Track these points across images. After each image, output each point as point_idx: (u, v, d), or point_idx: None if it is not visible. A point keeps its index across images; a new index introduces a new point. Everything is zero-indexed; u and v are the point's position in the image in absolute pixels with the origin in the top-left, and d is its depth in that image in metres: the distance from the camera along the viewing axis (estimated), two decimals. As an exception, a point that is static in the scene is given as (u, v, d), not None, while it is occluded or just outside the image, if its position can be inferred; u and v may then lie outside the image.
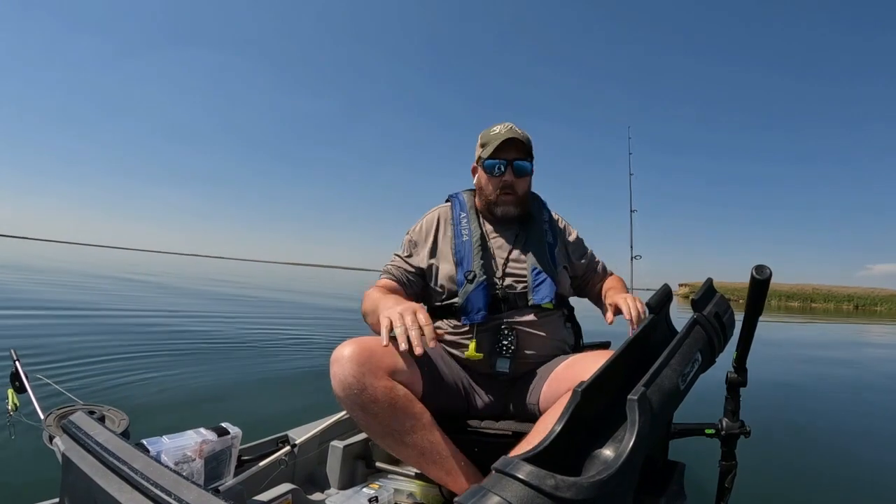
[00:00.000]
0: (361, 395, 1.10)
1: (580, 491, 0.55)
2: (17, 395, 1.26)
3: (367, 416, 1.12)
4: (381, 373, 1.12)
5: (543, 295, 1.38)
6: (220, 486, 1.13)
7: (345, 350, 1.13)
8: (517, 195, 1.48)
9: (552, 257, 1.47)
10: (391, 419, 1.11)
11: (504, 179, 1.46)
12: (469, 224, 1.51)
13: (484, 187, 1.51)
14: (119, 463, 0.69)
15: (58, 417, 1.08)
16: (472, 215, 1.53)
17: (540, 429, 1.08)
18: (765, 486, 2.17)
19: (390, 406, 1.11)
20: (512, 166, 1.45)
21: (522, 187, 1.49)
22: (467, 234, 1.48)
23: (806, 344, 10.07)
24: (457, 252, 1.46)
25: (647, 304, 0.97)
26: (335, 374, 1.12)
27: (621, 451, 0.64)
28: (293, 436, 1.43)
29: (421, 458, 1.15)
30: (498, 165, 1.46)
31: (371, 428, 1.15)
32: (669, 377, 0.78)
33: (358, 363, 1.10)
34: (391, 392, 1.11)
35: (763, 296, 1.00)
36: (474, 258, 1.42)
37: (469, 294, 1.37)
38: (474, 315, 1.36)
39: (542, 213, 1.58)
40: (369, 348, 1.13)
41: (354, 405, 1.12)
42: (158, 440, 1.07)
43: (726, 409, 1.15)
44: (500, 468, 0.58)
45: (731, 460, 1.12)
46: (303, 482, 1.43)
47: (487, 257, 1.45)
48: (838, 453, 2.81)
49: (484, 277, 1.38)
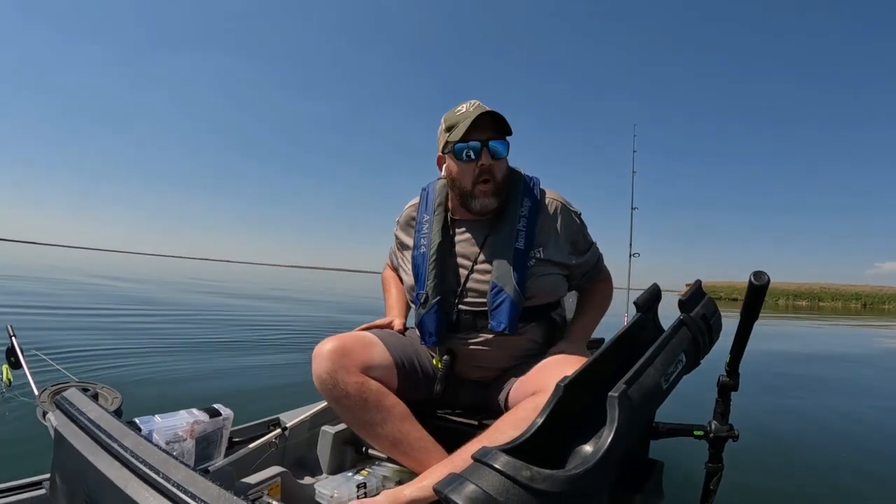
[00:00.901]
0: (335, 390, 1.18)
1: (555, 484, 0.57)
2: (13, 370, 1.28)
3: (341, 408, 1.21)
4: (353, 369, 1.19)
5: (500, 321, 1.26)
6: (209, 466, 1.14)
7: (322, 347, 1.21)
8: (496, 182, 1.31)
9: (520, 267, 1.28)
10: (363, 412, 1.19)
11: (481, 164, 1.28)
12: (430, 230, 1.38)
13: (457, 178, 1.33)
14: (110, 440, 0.70)
15: (52, 394, 1.09)
16: (438, 217, 1.39)
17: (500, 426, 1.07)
18: (750, 490, 2.20)
19: (361, 400, 1.18)
20: (487, 147, 1.27)
21: (501, 172, 1.31)
22: (425, 244, 1.37)
23: (800, 343, 10.10)
24: (413, 266, 1.39)
25: (634, 303, 0.98)
26: (314, 370, 1.20)
27: (599, 447, 0.65)
28: (284, 419, 1.45)
29: (393, 449, 1.21)
30: (469, 149, 1.27)
31: (346, 419, 1.24)
32: (652, 376, 0.80)
33: (332, 360, 1.18)
34: (362, 387, 1.18)
35: (760, 301, 1.01)
36: (428, 276, 1.33)
37: (422, 317, 1.35)
38: (428, 338, 1.35)
39: (519, 202, 1.34)
40: (343, 346, 1.21)
41: (330, 398, 1.21)
42: (150, 419, 1.08)
43: (716, 411, 1.15)
44: (479, 457, 0.59)
45: (717, 463, 1.13)
46: (292, 465, 1.44)
47: (444, 273, 1.34)
48: (825, 458, 2.83)
49: (436, 300, 1.31)
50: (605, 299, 1.51)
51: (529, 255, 1.31)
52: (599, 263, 1.51)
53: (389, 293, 1.62)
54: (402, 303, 1.57)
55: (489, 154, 1.27)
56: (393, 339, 1.37)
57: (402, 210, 1.52)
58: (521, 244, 1.30)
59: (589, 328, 1.44)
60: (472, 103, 1.31)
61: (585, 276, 1.47)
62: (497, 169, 1.30)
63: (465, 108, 1.31)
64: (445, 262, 1.35)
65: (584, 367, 0.82)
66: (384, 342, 1.32)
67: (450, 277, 1.34)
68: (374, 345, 1.29)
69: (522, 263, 1.29)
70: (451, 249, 1.37)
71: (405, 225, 1.49)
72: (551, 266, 1.34)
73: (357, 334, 1.32)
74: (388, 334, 1.38)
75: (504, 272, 1.28)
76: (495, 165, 1.29)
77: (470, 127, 1.25)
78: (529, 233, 1.31)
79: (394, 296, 1.59)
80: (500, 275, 1.28)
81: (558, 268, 1.36)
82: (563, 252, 1.36)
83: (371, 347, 1.27)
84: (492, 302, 1.28)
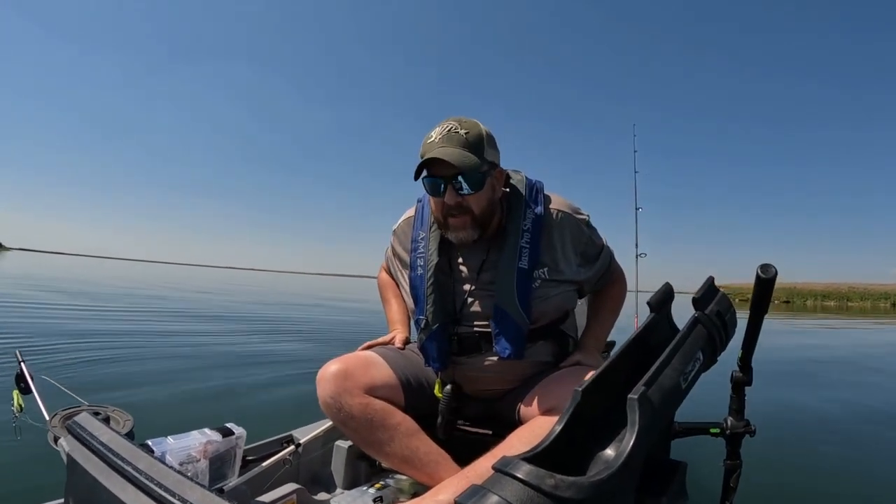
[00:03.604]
0: (340, 413, 1.19)
1: (580, 490, 0.55)
2: (23, 396, 1.27)
3: (347, 430, 1.22)
4: (356, 391, 1.19)
5: (504, 347, 1.21)
6: (224, 486, 1.13)
7: (326, 371, 1.22)
8: (472, 215, 1.20)
9: (523, 289, 1.21)
10: (369, 432, 1.19)
11: (445, 202, 1.19)
12: (426, 249, 1.30)
13: (433, 208, 1.26)
14: (123, 464, 0.70)
15: (63, 418, 1.09)
16: (434, 235, 1.30)
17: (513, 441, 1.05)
18: (770, 485, 2.17)
19: (367, 421, 1.18)
20: (451, 184, 1.17)
21: (478, 204, 1.20)
22: (422, 265, 1.29)
23: (813, 341, 10.03)
24: (411, 288, 1.33)
25: (648, 303, 0.97)
26: (318, 394, 1.21)
27: (621, 451, 0.64)
28: (297, 436, 1.44)
29: (404, 465, 1.21)
30: (432, 185, 1.19)
31: (354, 440, 1.25)
32: (670, 376, 0.78)
33: (335, 383, 1.19)
34: (367, 408, 1.18)
35: (769, 295, 1.00)
36: (427, 300, 1.27)
37: (424, 343, 1.31)
38: (432, 363, 1.32)
39: (522, 216, 1.25)
40: (346, 369, 1.21)
41: (336, 421, 1.22)
42: (163, 441, 1.07)
43: (731, 408, 1.14)
44: (500, 468, 0.58)
45: (735, 459, 1.12)
46: (307, 482, 1.43)
47: (443, 297, 1.27)
48: (844, 450, 2.80)
49: (437, 326, 1.26)
50: (617, 303, 1.46)
51: (534, 275, 1.23)
52: (612, 265, 1.44)
53: (389, 305, 1.60)
54: (404, 314, 1.55)
55: (453, 191, 1.17)
56: (397, 356, 1.35)
57: (399, 220, 1.46)
58: (525, 263, 1.21)
59: (602, 337, 1.41)
60: (443, 127, 1.17)
61: (599, 282, 1.43)
62: (472, 202, 1.19)
63: (434, 134, 1.17)
64: (444, 285, 1.29)
65: (600, 371, 0.81)
66: (388, 360, 1.30)
67: (449, 300, 1.29)
68: (377, 364, 1.27)
69: (526, 285, 1.21)
70: (449, 271, 1.30)
71: (402, 237, 1.42)
72: (558, 285, 1.27)
73: (359, 354, 1.31)
74: (393, 351, 1.37)
75: (507, 295, 1.20)
76: (468, 199, 1.18)
77: (428, 163, 1.16)
78: (533, 250, 1.22)
79: (394, 308, 1.57)
80: (502, 298, 1.21)
81: (566, 285, 1.30)
82: (572, 267, 1.29)
83: (374, 367, 1.26)
84: (495, 327, 1.22)
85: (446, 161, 1.12)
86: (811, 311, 32.65)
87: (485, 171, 1.18)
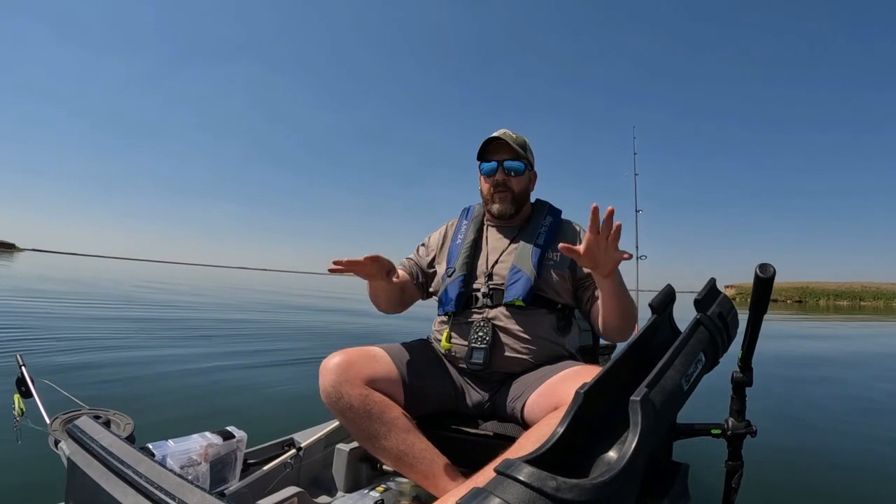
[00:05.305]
0: (339, 403, 1.22)
1: (582, 493, 0.55)
2: (24, 400, 1.27)
3: (346, 420, 1.25)
4: (357, 381, 1.23)
5: (514, 293, 1.40)
6: (225, 489, 1.13)
7: (329, 361, 1.26)
8: (512, 192, 1.54)
9: (539, 258, 1.46)
10: (367, 424, 1.22)
11: (496, 179, 1.53)
12: (467, 230, 1.61)
13: (482, 189, 1.61)
14: (124, 467, 0.70)
15: (63, 422, 1.08)
16: (475, 222, 1.63)
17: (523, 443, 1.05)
18: (772, 485, 2.16)
19: (365, 412, 1.21)
20: (502, 166, 1.52)
21: (518, 185, 1.55)
22: (462, 237, 1.60)
23: (813, 340, 10.01)
24: (449, 254, 1.59)
25: (649, 305, 0.97)
26: (320, 384, 1.25)
27: (624, 453, 0.63)
28: (298, 439, 1.44)
29: (397, 462, 1.22)
30: (489, 167, 1.54)
31: (351, 431, 1.27)
32: (672, 378, 0.78)
33: (337, 374, 1.23)
34: (366, 399, 1.22)
35: (767, 294, 1.00)
36: (459, 257, 1.53)
37: (446, 287, 1.49)
38: (447, 306, 1.46)
39: (544, 217, 1.58)
40: (348, 360, 1.26)
41: (335, 411, 1.25)
42: (164, 444, 1.07)
43: (732, 408, 1.14)
44: (502, 470, 0.58)
45: (737, 460, 1.12)
46: (308, 485, 1.43)
47: (474, 256, 1.54)
48: (846, 450, 2.79)
49: (462, 274, 1.48)
50: None
51: (548, 252, 1.48)
52: None
53: None
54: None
55: (503, 171, 1.52)
56: (400, 352, 1.39)
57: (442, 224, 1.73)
58: (542, 242, 1.50)
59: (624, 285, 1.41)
60: (499, 131, 1.54)
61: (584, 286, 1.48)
62: (513, 182, 1.54)
63: (495, 133, 1.54)
64: (476, 249, 1.56)
65: (602, 372, 0.80)
66: (391, 355, 1.35)
67: (478, 260, 1.53)
68: (379, 358, 1.32)
69: (541, 255, 1.47)
70: (482, 243, 1.58)
71: (435, 236, 1.70)
72: (564, 267, 1.47)
73: (363, 348, 1.34)
74: (397, 348, 1.40)
75: (524, 258, 1.46)
76: (510, 180, 1.53)
77: (487, 150, 1.53)
78: (548, 239, 1.51)
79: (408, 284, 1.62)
80: (520, 259, 1.46)
81: (569, 272, 1.48)
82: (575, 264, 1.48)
83: (376, 360, 1.31)
84: (509, 279, 1.43)
85: (503, 146, 1.51)
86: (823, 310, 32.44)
87: (526, 163, 1.54)
